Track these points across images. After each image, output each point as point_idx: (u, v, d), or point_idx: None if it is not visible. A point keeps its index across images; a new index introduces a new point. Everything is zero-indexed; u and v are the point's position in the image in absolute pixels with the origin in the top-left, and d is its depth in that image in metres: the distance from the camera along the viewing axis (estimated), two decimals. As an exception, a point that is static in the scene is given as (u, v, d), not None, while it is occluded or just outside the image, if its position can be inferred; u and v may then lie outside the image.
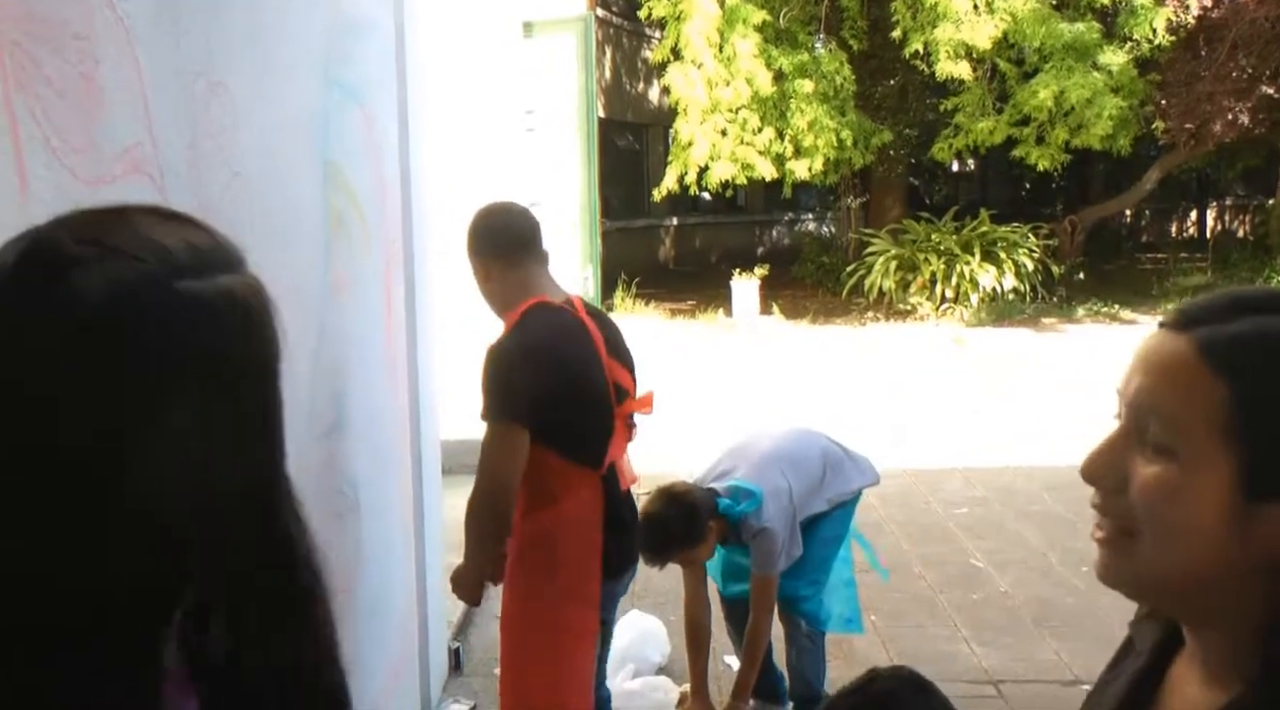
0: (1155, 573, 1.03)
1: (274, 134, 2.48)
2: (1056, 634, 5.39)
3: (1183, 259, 21.77)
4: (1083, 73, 15.83)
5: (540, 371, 3.08)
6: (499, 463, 3.09)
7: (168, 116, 1.86)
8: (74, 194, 1.48)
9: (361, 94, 3.41)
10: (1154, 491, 1.00)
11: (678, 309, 18.34)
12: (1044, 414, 10.42)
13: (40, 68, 1.43)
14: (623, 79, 23.72)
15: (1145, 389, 1.03)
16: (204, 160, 2.05)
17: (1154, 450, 1.01)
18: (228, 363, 0.90)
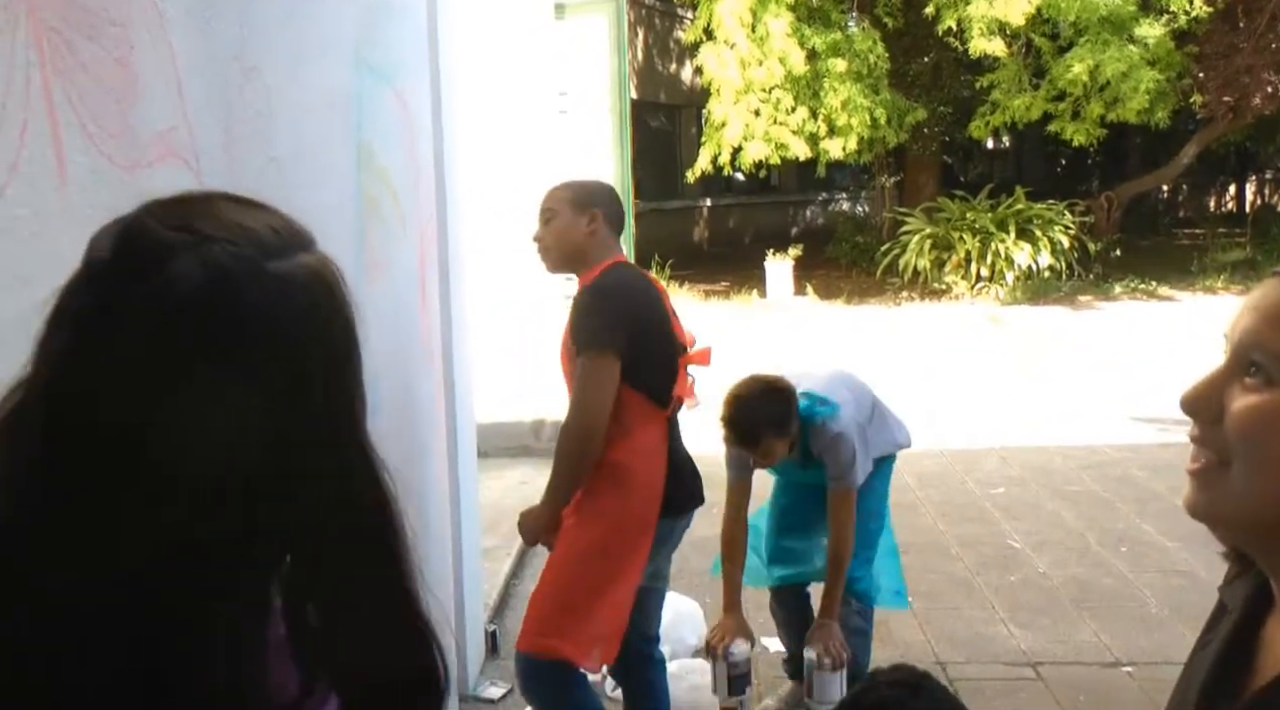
0: (1245, 503, 1.05)
1: (308, 117, 2.49)
2: (1095, 615, 5.33)
3: (1221, 234, 21.47)
4: (1119, 46, 15.62)
5: (632, 306, 3.31)
6: (594, 394, 3.21)
7: (202, 101, 1.86)
8: (111, 178, 1.48)
9: (394, 77, 3.41)
10: (1252, 418, 1.03)
11: (712, 290, 18.31)
12: (1081, 393, 10.35)
13: (77, 54, 1.44)
14: (655, 60, 23.66)
15: (1251, 328, 1.06)
16: (239, 144, 2.06)
17: (1255, 382, 1.04)
18: (316, 335, 0.96)
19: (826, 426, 3.90)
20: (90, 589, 0.86)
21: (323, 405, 0.97)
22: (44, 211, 1.35)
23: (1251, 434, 1.03)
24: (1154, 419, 9.01)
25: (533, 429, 7.94)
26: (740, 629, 4.00)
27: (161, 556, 0.87)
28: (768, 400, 3.83)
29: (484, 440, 5.38)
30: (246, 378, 0.90)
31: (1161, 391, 9.97)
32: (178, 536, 0.88)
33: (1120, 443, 8.44)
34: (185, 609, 0.88)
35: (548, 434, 7.96)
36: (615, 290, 3.30)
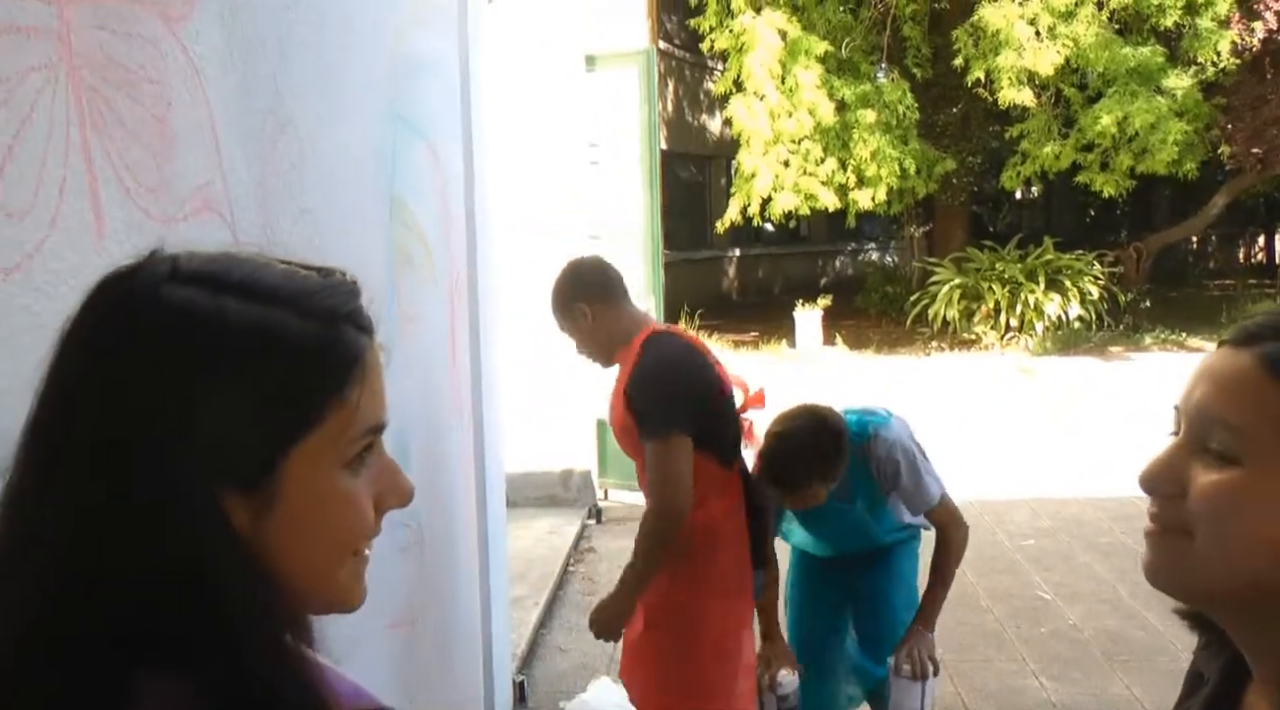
0: (1209, 575, 1.05)
1: (341, 170, 2.52)
2: (1126, 668, 5.29)
3: (1251, 285, 21.43)
4: (1146, 97, 15.67)
5: (689, 381, 3.26)
6: (673, 474, 3.15)
7: (237, 155, 1.89)
8: (147, 231, 1.51)
9: (427, 130, 3.45)
10: (1217, 497, 1.03)
11: (741, 340, 18.33)
12: (1112, 444, 10.27)
13: (115, 111, 1.47)
14: (685, 111, 23.82)
15: (1208, 400, 1.06)
16: (273, 197, 2.08)
17: (1216, 459, 1.03)
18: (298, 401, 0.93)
19: (881, 436, 3.57)
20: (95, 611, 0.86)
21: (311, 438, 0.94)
22: (82, 266, 1.38)
23: (1216, 511, 1.03)
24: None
25: (561, 479, 7.94)
26: (784, 656, 3.75)
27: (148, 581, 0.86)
28: (817, 441, 3.38)
29: (513, 490, 5.38)
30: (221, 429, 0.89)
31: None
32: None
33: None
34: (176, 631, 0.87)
35: (576, 484, 7.96)
36: (666, 368, 3.25)
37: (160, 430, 0.87)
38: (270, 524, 0.91)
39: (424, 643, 3.30)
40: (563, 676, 5.23)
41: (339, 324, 0.95)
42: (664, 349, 3.29)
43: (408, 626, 3.17)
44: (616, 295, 3.43)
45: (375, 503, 0.99)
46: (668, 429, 3.16)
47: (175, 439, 0.87)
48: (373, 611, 2.78)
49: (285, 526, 0.92)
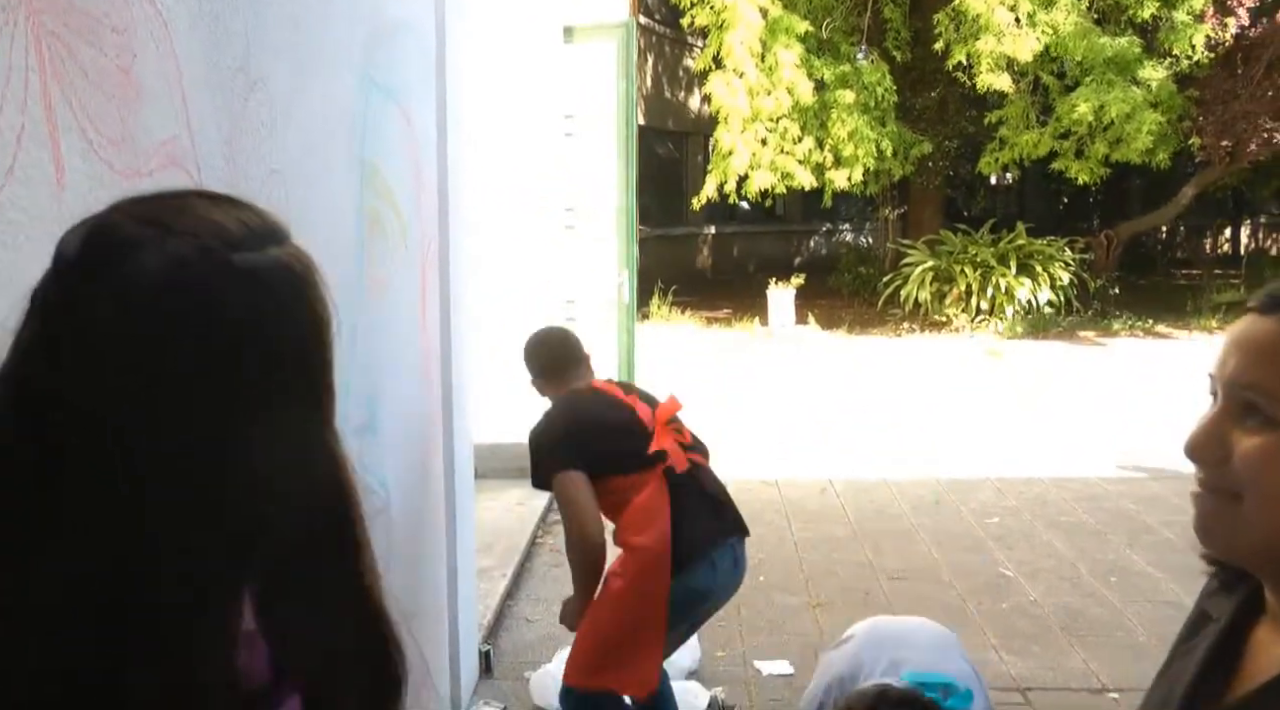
0: (1257, 535, 1.10)
1: (312, 132, 2.50)
2: (1084, 643, 5.37)
3: (1217, 275, 21.58)
4: (1123, 87, 15.77)
5: (565, 421, 3.70)
6: (570, 501, 3.56)
7: (206, 111, 1.88)
8: (110, 185, 1.49)
9: (400, 95, 3.43)
10: (1260, 460, 1.08)
11: (714, 317, 18.34)
12: (1078, 427, 10.36)
13: (77, 59, 1.45)
14: (664, 87, 23.75)
15: (1242, 368, 1.12)
16: (241, 156, 2.07)
17: (1256, 423, 1.09)
18: (283, 326, 0.96)
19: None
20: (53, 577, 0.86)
21: (289, 397, 0.96)
22: (41, 216, 1.36)
23: (1262, 474, 1.08)
24: (1148, 453, 9.03)
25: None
26: None
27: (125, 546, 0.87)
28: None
29: (481, 462, 5.37)
30: (210, 368, 0.90)
31: (1157, 428, 10.00)
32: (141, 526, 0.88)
33: (1114, 476, 8.47)
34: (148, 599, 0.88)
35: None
36: (549, 422, 3.74)
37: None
38: None
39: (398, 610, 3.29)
40: (529, 647, 5.25)
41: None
42: (553, 408, 3.81)
43: (372, 593, 3.17)
44: (561, 372, 3.90)
45: None
46: (554, 469, 3.58)
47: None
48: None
49: None
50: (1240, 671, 1.19)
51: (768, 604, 5.86)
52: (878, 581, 6.19)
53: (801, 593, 6.03)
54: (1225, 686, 1.20)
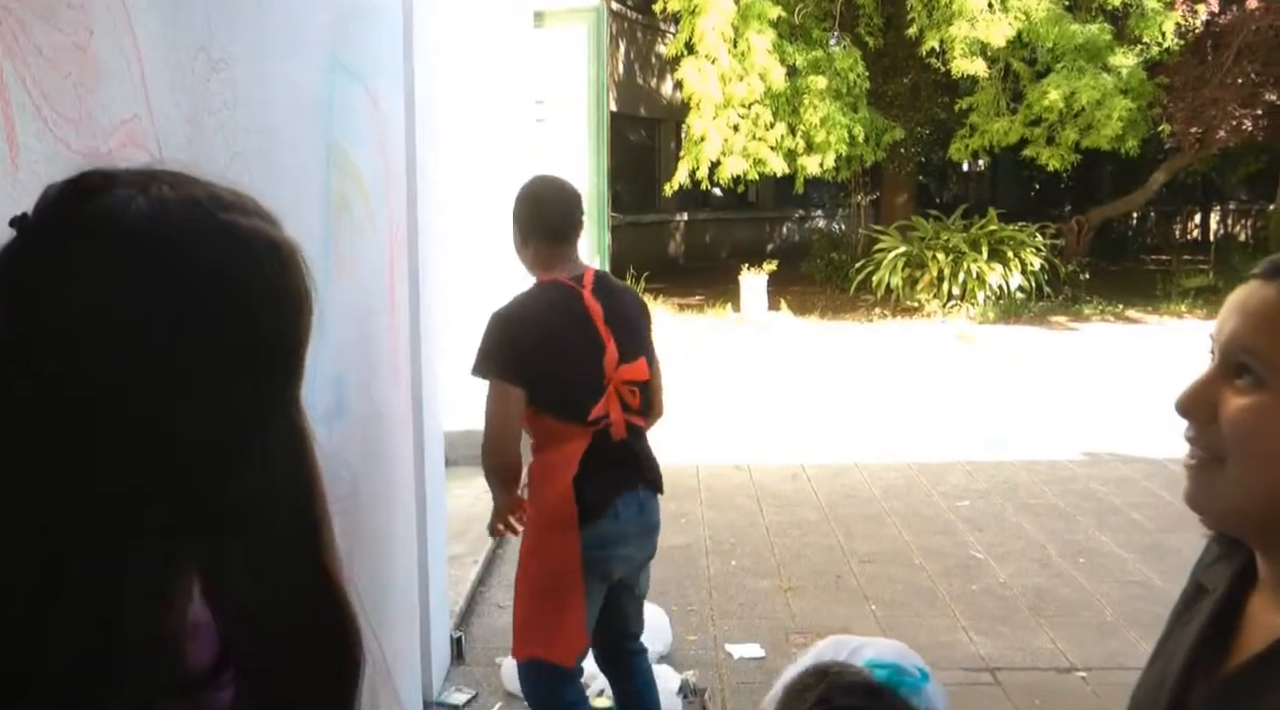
0: (1240, 496, 1.12)
1: (276, 113, 2.48)
2: (1053, 623, 5.42)
3: (1186, 261, 21.73)
4: (1093, 74, 15.85)
5: (532, 344, 3.39)
6: (493, 413, 3.41)
7: (165, 91, 1.86)
8: (67, 164, 1.47)
9: (367, 77, 3.41)
10: (1245, 419, 1.10)
11: (686, 304, 18.34)
12: (1047, 410, 10.42)
13: (31, 35, 1.43)
14: (636, 73, 23.70)
15: (1238, 331, 1.13)
16: (203, 137, 2.05)
17: (1246, 384, 1.11)
18: (258, 296, 0.93)
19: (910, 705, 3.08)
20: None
21: (259, 364, 0.94)
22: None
23: (1246, 433, 1.10)
24: (1117, 436, 9.11)
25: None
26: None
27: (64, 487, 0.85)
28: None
29: (452, 449, 5.35)
30: (182, 320, 0.88)
31: (1126, 411, 10.08)
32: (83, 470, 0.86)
33: (1083, 459, 8.53)
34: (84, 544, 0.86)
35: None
36: (507, 320, 3.45)
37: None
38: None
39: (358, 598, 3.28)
40: (500, 633, 5.24)
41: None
42: (524, 302, 3.49)
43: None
44: (548, 237, 3.55)
45: None
46: (489, 373, 3.40)
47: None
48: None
49: None
50: (1236, 643, 1.21)
51: (739, 588, 5.88)
52: (849, 565, 6.21)
53: (773, 576, 6.05)
54: (1222, 658, 1.22)
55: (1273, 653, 1.14)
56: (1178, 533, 6.57)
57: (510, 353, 3.37)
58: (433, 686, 4.54)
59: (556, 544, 3.45)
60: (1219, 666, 1.21)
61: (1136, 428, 9.42)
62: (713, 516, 7.12)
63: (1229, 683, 1.18)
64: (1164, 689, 1.27)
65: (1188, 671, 1.24)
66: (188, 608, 0.95)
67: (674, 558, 6.32)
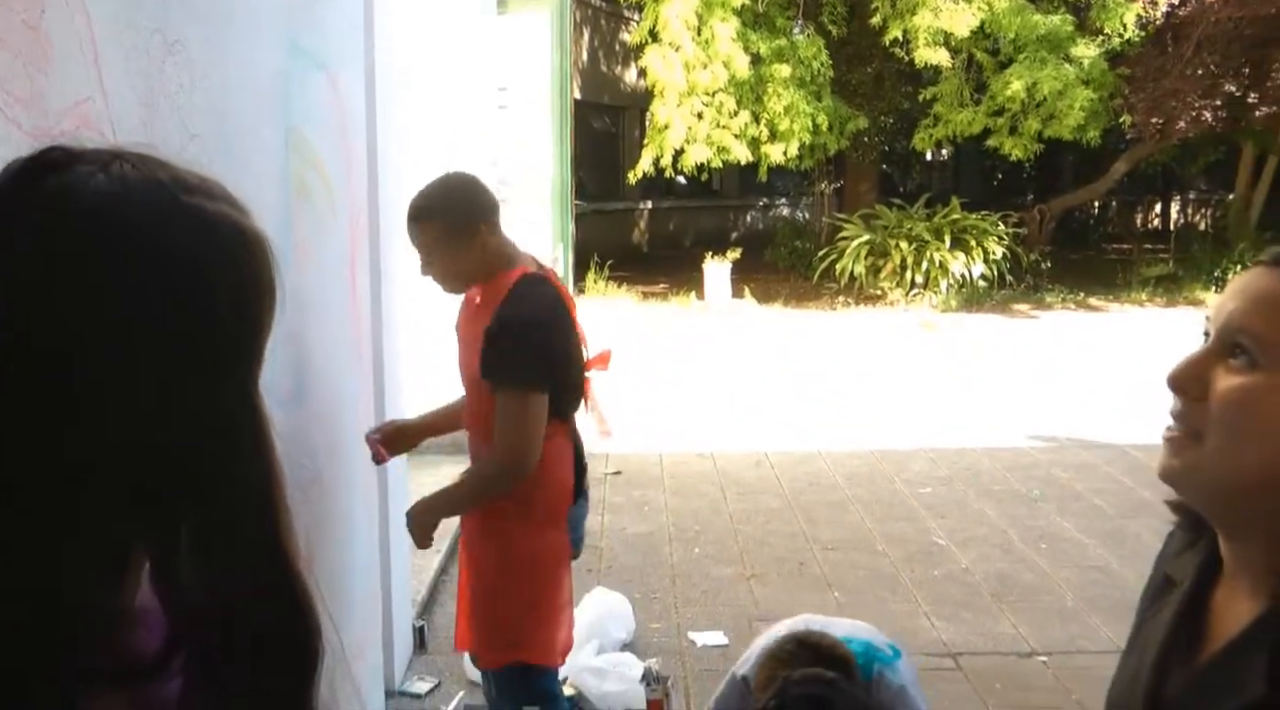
0: (1215, 473, 1.14)
1: (234, 97, 2.45)
2: (1014, 608, 5.47)
3: (1146, 250, 21.98)
4: (1055, 65, 15.96)
5: (553, 340, 3.20)
6: (526, 433, 3.11)
7: (120, 72, 1.83)
8: (18, 144, 1.45)
9: (327, 62, 3.38)
10: (1235, 397, 1.12)
11: (650, 291, 18.34)
12: (1010, 397, 10.48)
13: (-19, 12, 1.41)
14: (600, 60, 23.64)
15: (1238, 312, 1.14)
16: (160, 119, 2.02)
17: (1240, 364, 1.13)
18: (219, 280, 0.91)
19: (886, 679, 3.01)
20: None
21: (222, 356, 0.93)
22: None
23: (1233, 411, 1.12)
24: (1079, 423, 9.18)
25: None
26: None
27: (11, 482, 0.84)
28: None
29: (414, 434, 5.32)
30: (139, 298, 0.86)
31: (1088, 398, 10.16)
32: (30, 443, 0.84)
33: (1045, 445, 8.59)
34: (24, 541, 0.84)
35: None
36: (540, 320, 3.16)
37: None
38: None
39: (321, 583, 3.27)
40: (462, 620, 5.23)
41: None
42: (539, 297, 3.20)
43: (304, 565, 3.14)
44: (494, 219, 3.26)
45: None
46: (528, 384, 3.10)
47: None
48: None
49: None
50: (1207, 633, 1.22)
51: (702, 576, 5.89)
52: (812, 552, 6.24)
53: (736, 564, 6.06)
54: (1195, 648, 1.23)
55: (1244, 640, 1.15)
56: (1138, 518, 6.64)
57: (545, 360, 3.14)
58: (395, 676, 4.53)
59: (553, 539, 3.34)
60: (1192, 657, 1.23)
61: (1098, 414, 9.51)
62: (676, 504, 7.12)
63: (1204, 673, 1.19)
64: (1139, 682, 1.28)
65: (1161, 663, 1.25)
66: (135, 592, 0.93)
67: (637, 545, 6.32)
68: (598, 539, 6.40)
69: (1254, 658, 1.12)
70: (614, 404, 3.79)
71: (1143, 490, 7.21)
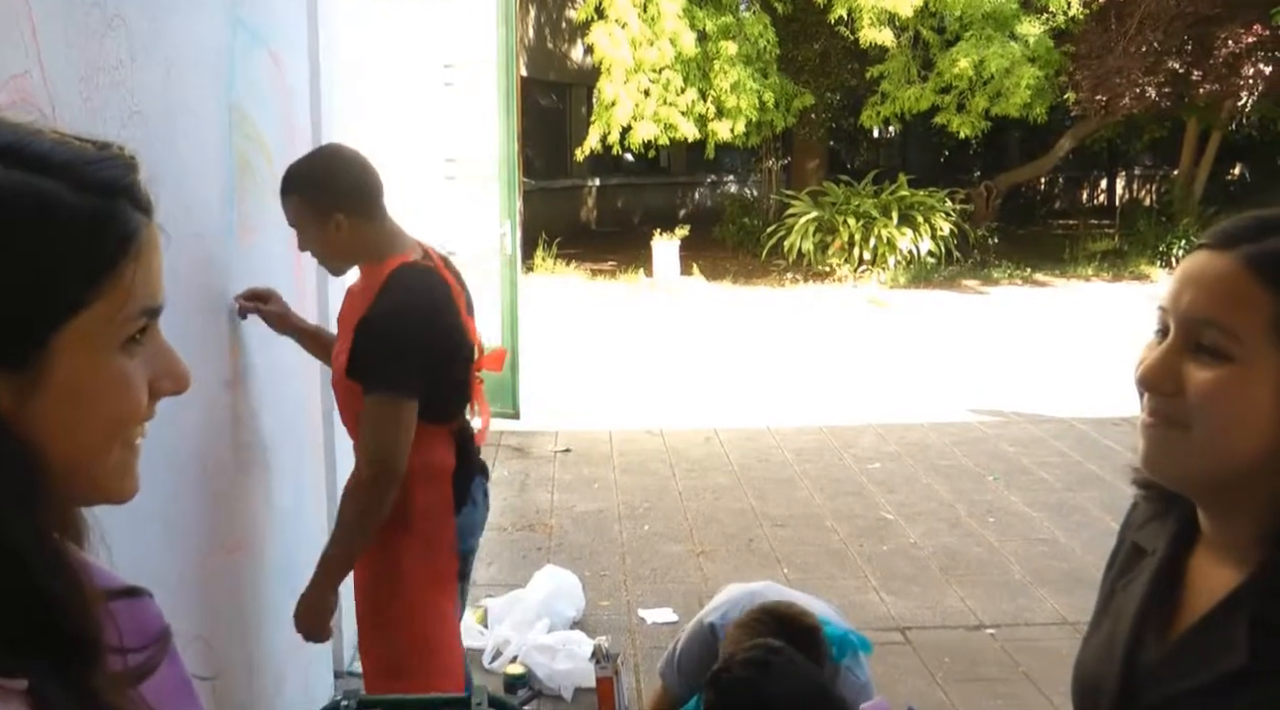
0: (1204, 461, 1.16)
1: (175, 71, 2.42)
2: (962, 582, 5.53)
3: (1092, 225, 22.21)
4: (1001, 43, 16.04)
5: (427, 338, 2.89)
6: (391, 438, 2.84)
7: (58, 46, 1.80)
8: (-47, 119, 1.42)
9: (270, 37, 3.34)
10: (1212, 392, 1.13)
11: (599, 269, 18.32)
12: (958, 372, 10.56)
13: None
14: (546, 37, 23.52)
15: (1198, 303, 1.15)
16: (99, 94, 1.99)
17: (1209, 356, 1.14)
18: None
19: (853, 674, 2.95)
20: None
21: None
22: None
23: (1214, 404, 1.13)
24: (1026, 397, 9.27)
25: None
26: None
27: None
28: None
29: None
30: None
31: (1035, 372, 10.26)
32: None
33: (992, 420, 8.66)
34: None
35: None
36: (410, 316, 2.87)
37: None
38: (36, 406, 0.86)
39: (267, 567, 3.24)
40: (412, 600, 5.21)
41: (115, 197, 0.90)
42: (415, 295, 2.90)
43: (250, 550, 3.12)
44: (369, 204, 2.97)
45: (150, 387, 0.94)
46: (393, 386, 2.84)
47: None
48: (208, 534, 2.72)
49: (53, 408, 0.87)
50: (1183, 602, 1.23)
51: (652, 553, 5.90)
52: (761, 528, 6.26)
53: (685, 541, 6.08)
54: (1170, 617, 1.24)
55: (1224, 609, 1.17)
56: (1085, 491, 6.72)
57: (417, 360, 2.86)
58: (343, 656, 4.50)
59: (437, 557, 3.07)
60: (1168, 626, 1.24)
61: (1044, 389, 9.61)
62: (626, 481, 7.13)
63: (1184, 640, 1.21)
64: (1114, 650, 1.29)
65: (1137, 632, 1.27)
66: None
67: (587, 523, 6.33)
68: (547, 517, 6.41)
69: (1235, 626, 1.14)
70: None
71: (1089, 463, 7.30)
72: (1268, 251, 1.13)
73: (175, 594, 2.42)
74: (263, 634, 3.20)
